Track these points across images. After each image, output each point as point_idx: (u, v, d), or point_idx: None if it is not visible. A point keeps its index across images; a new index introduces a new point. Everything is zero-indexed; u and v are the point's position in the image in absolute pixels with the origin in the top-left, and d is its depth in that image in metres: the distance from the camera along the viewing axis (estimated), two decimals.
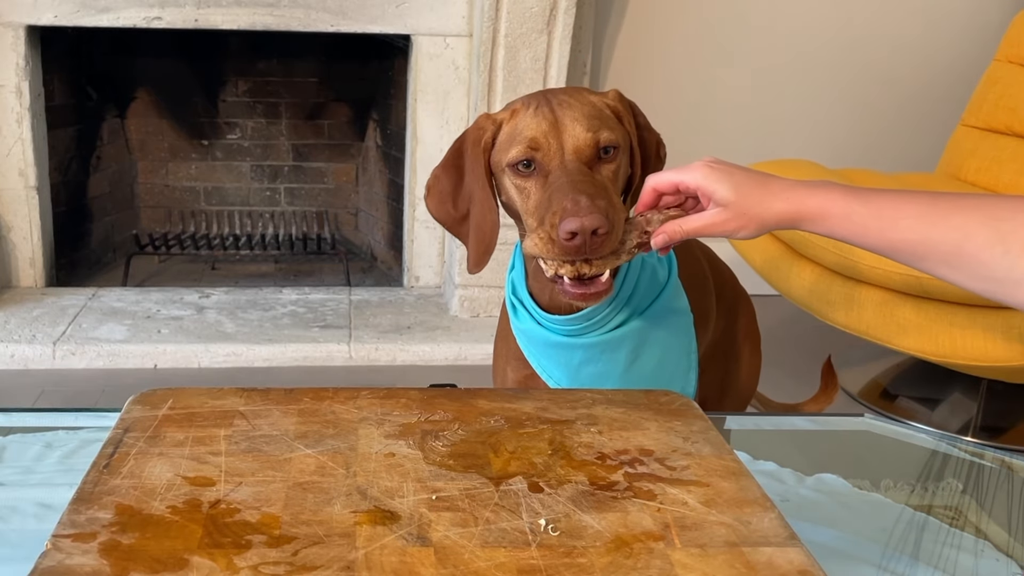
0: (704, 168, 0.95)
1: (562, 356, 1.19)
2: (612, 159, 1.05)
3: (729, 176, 0.94)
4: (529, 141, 1.03)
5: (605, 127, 1.05)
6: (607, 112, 1.08)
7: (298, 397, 1.00)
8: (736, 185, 0.93)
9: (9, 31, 2.72)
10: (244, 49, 3.30)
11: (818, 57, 3.21)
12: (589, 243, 0.96)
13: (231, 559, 0.72)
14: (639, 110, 1.16)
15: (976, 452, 1.29)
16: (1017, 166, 2.63)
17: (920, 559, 1.00)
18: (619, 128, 1.08)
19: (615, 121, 1.08)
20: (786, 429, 1.38)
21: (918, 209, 0.87)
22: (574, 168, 1.01)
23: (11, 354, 2.53)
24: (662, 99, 3.20)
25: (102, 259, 3.33)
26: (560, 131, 1.03)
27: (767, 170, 2.78)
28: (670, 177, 0.96)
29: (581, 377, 1.19)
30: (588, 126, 1.03)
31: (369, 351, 2.64)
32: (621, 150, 1.06)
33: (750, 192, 0.93)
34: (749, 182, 0.94)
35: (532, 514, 0.80)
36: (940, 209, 0.86)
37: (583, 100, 1.07)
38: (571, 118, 1.03)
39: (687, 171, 0.95)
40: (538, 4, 2.61)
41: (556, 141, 1.03)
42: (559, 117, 1.04)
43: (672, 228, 0.96)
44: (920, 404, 2.53)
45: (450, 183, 1.12)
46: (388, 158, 3.27)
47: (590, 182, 1.00)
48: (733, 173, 0.94)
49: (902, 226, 0.87)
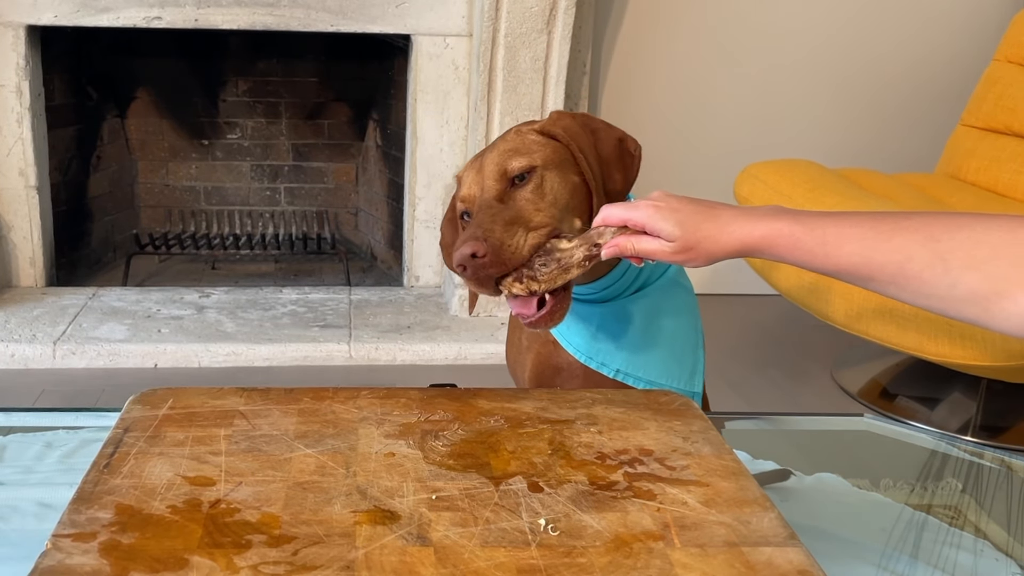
0: (650, 208, 0.98)
1: (579, 322, 1.24)
2: (528, 181, 1.13)
3: (674, 213, 0.97)
4: (462, 196, 1.16)
5: (516, 156, 1.13)
6: (531, 138, 1.16)
7: (298, 397, 1.00)
8: (681, 222, 0.97)
9: (9, 31, 2.72)
10: (244, 49, 3.30)
11: (818, 57, 3.21)
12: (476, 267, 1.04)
13: (231, 559, 0.72)
14: (592, 118, 1.23)
15: (976, 452, 1.29)
16: (1016, 166, 2.63)
17: (920, 558, 1.00)
18: (545, 148, 1.16)
19: (540, 143, 1.16)
20: (786, 429, 1.39)
21: (861, 232, 0.91)
22: (484, 204, 1.11)
23: (11, 354, 2.53)
24: (662, 99, 3.21)
25: (102, 259, 3.33)
26: (482, 175, 1.14)
27: (768, 169, 2.77)
28: (619, 214, 1.01)
29: (599, 343, 1.23)
30: (498, 161, 1.13)
31: (369, 351, 2.64)
32: (544, 167, 1.14)
33: (697, 227, 0.96)
34: (696, 217, 0.97)
35: (532, 514, 0.80)
36: (882, 232, 0.90)
37: (506, 139, 1.17)
38: (488, 160, 1.14)
39: (634, 209, 0.99)
40: (538, 4, 2.61)
41: (478, 186, 1.14)
42: (483, 163, 1.15)
43: (624, 243, 1.00)
44: (920, 404, 2.53)
45: (450, 236, 1.24)
46: (388, 158, 3.27)
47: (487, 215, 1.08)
48: (679, 210, 0.98)
49: (847, 250, 0.91)
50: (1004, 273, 0.82)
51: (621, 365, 1.23)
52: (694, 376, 1.25)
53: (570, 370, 1.27)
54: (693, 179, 3.26)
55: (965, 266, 0.84)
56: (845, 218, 0.93)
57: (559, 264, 1.03)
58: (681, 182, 3.25)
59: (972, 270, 0.84)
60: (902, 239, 0.88)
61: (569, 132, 1.18)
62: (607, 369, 1.23)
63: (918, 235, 0.87)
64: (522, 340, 1.35)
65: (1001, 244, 0.83)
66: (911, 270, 0.87)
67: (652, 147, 3.22)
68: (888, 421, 1.38)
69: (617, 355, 1.23)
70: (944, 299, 0.86)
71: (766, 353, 2.89)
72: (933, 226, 0.87)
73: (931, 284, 0.86)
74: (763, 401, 2.50)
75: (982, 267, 0.83)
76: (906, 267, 0.87)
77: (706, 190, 3.42)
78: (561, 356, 1.27)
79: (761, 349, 2.92)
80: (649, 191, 1.06)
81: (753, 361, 2.78)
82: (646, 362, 1.23)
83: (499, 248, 1.04)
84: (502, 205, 1.10)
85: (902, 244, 0.88)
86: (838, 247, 0.91)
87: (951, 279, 0.85)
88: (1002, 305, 0.82)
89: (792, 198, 2.36)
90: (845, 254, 0.90)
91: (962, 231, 0.85)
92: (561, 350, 1.27)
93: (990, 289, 0.83)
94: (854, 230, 0.91)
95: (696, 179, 3.25)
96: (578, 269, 1.03)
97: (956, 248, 0.85)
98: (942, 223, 0.87)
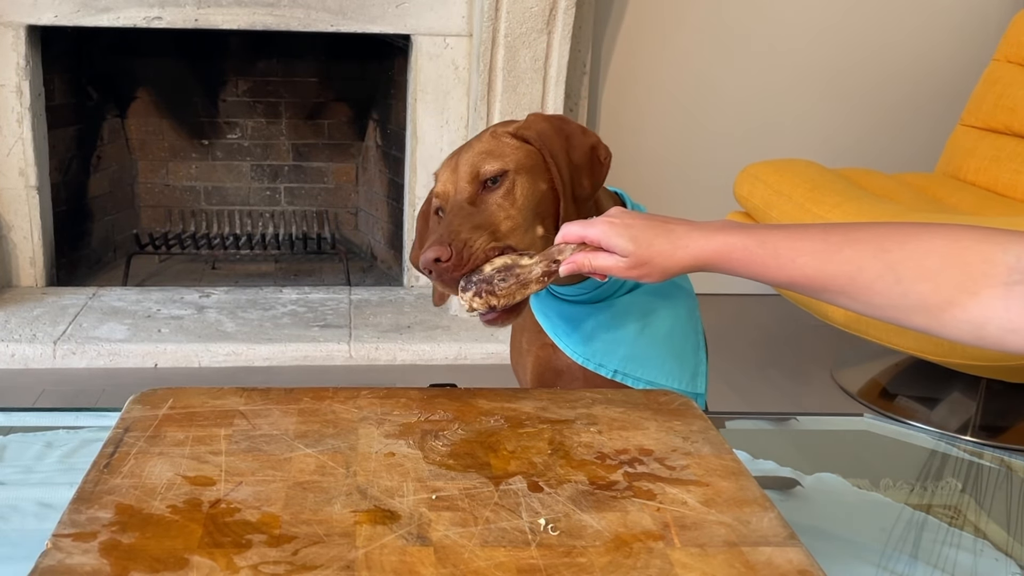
0: (605, 224, 1.00)
1: (575, 324, 1.25)
2: (500, 185, 1.15)
3: (628, 229, 0.99)
4: (436, 192, 1.19)
5: (489, 159, 1.15)
6: (505, 140, 1.18)
7: (298, 397, 1.00)
8: (634, 237, 0.98)
9: (9, 31, 2.72)
10: (244, 49, 3.30)
11: (818, 56, 3.21)
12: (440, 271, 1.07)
13: (231, 558, 0.72)
14: (567, 121, 1.24)
15: (975, 451, 1.29)
16: (1016, 165, 2.63)
17: (919, 558, 1.00)
18: (518, 152, 1.17)
19: (513, 147, 1.18)
20: (786, 429, 1.39)
21: (812, 245, 0.92)
22: (455, 206, 1.14)
23: (11, 353, 2.53)
24: (662, 99, 3.21)
25: (102, 259, 3.33)
26: (456, 175, 1.16)
27: (768, 169, 2.77)
28: (576, 231, 1.02)
29: (595, 344, 1.24)
30: (472, 164, 1.16)
31: (369, 351, 2.64)
32: (516, 172, 1.16)
33: (650, 243, 0.97)
34: (649, 232, 0.98)
35: (532, 514, 0.80)
36: (833, 244, 0.91)
37: (482, 139, 1.19)
38: (463, 161, 1.16)
39: (591, 226, 1.01)
40: (538, 4, 2.61)
41: (452, 185, 1.16)
42: (458, 163, 1.17)
43: (581, 260, 1.01)
44: (919, 403, 2.53)
45: (422, 227, 1.27)
46: (388, 158, 3.27)
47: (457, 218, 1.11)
48: (632, 226, 0.99)
49: (799, 263, 0.92)
50: (954, 282, 0.83)
51: (619, 365, 1.23)
52: (696, 377, 1.25)
53: (570, 372, 1.27)
54: (693, 179, 3.26)
55: (916, 277, 0.85)
56: (796, 231, 0.94)
57: (518, 279, 1.05)
58: (681, 182, 3.26)
59: (923, 280, 0.85)
60: (853, 251, 0.89)
61: (543, 137, 1.18)
62: (605, 370, 1.23)
63: (869, 246, 0.88)
64: (522, 343, 1.35)
65: (950, 253, 0.84)
66: (862, 281, 0.88)
67: (652, 147, 3.23)
68: (888, 421, 1.38)
69: (614, 355, 1.23)
70: (896, 308, 0.87)
71: (766, 353, 2.89)
72: (884, 237, 0.88)
73: (882, 294, 0.87)
74: (763, 401, 2.50)
75: (933, 277, 0.84)
76: (857, 278, 0.88)
77: (706, 190, 3.44)
78: (560, 359, 1.28)
79: (761, 349, 2.92)
80: (649, 192, 1.06)
81: (753, 361, 2.78)
82: (644, 362, 1.23)
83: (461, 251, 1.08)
84: (473, 208, 1.13)
85: (853, 255, 0.89)
86: (791, 259, 0.92)
87: (902, 289, 0.86)
88: (952, 314, 0.83)
89: (792, 198, 2.36)
90: (798, 266, 0.92)
91: (911, 241, 0.86)
92: (560, 353, 1.27)
93: (941, 299, 0.84)
94: (806, 243, 0.92)
95: (696, 179, 3.26)
96: (537, 285, 1.05)
97: (906, 259, 0.86)
98: (892, 234, 0.88)
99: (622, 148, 2.90)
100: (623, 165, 1.29)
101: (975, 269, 0.82)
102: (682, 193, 3.23)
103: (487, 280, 1.05)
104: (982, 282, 0.82)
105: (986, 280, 0.82)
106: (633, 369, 1.23)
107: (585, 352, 1.24)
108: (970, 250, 0.83)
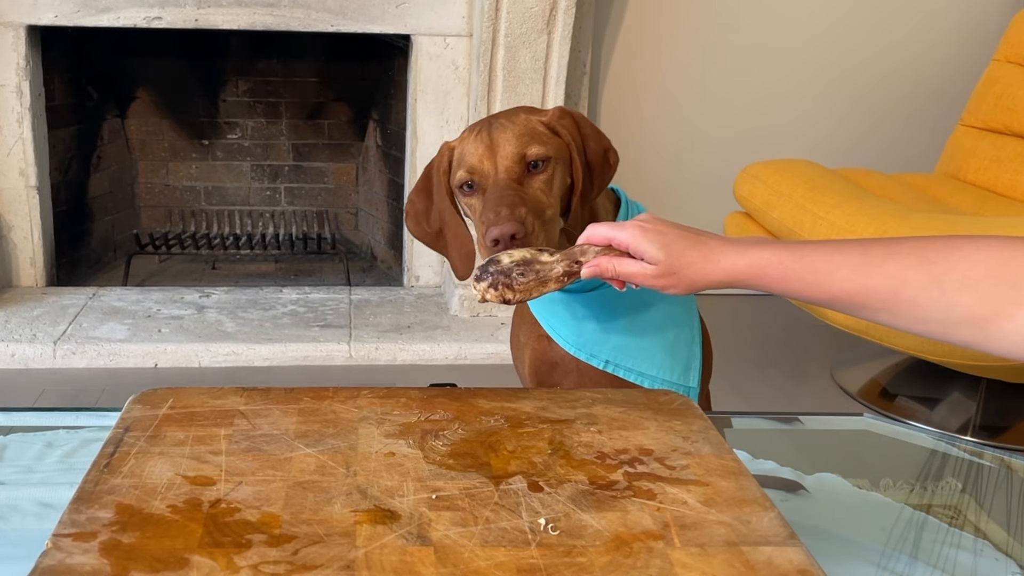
0: (636, 228, 0.97)
1: (566, 312, 1.25)
2: (543, 170, 1.16)
3: (660, 236, 0.96)
4: (468, 166, 1.18)
5: (534, 143, 1.16)
6: (540, 129, 1.19)
7: (298, 396, 1.00)
8: (666, 246, 0.95)
9: (9, 31, 2.72)
10: (244, 49, 3.30)
11: (818, 56, 3.21)
12: (510, 246, 1.08)
13: (231, 558, 0.72)
14: (586, 121, 1.25)
15: (975, 451, 1.29)
16: (1016, 165, 2.63)
17: (919, 558, 1.00)
18: (553, 142, 1.19)
19: (549, 136, 1.19)
20: (786, 429, 1.39)
21: (851, 259, 0.89)
22: (503, 183, 1.14)
23: (12, 353, 2.53)
24: (662, 99, 3.21)
25: (102, 259, 3.33)
26: (494, 152, 1.16)
27: (768, 169, 2.77)
28: (604, 232, 0.99)
29: (585, 332, 1.24)
30: (517, 144, 1.16)
31: (369, 351, 2.64)
32: (554, 161, 1.17)
33: (681, 253, 0.94)
34: (681, 243, 0.95)
35: (532, 513, 0.80)
36: (873, 257, 0.88)
37: (517, 121, 1.19)
38: (504, 139, 1.16)
39: (620, 229, 0.98)
40: (538, 4, 2.61)
41: (491, 162, 1.16)
42: (494, 139, 1.17)
43: (605, 264, 0.99)
44: (919, 403, 2.53)
45: (423, 205, 1.27)
46: (388, 158, 3.27)
47: (513, 194, 1.12)
48: (665, 233, 0.96)
49: (838, 277, 0.89)
50: (1001, 292, 0.81)
51: (610, 355, 1.23)
52: (688, 371, 1.26)
53: (564, 365, 1.28)
54: (693, 179, 3.26)
55: (961, 287, 0.83)
56: (833, 245, 0.91)
57: (537, 276, 1.01)
58: (681, 182, 3.26)
59: (968, 291, 0.82)
60: (895, 264, 0.86)
61: (570, 133, 1.20)
62: (596, 360, 1.23)
63: (911, 258, 0.86)
64: (520, 337, 1.36)
65: (996, 264, 0.82)
66: (906, 294, 0.85)
67: (652, 147, 3.23)
68: (888, 421, 1.38)
69: (605, 345, 1.23)
70: (941, 322, 0.85)
71: (766, 353, 2.89)
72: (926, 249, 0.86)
73: (926, 308, 0.85)
74: (763, 401, 2.50)
75: (978, 287, 0.82)
76: (901, 292, 0.86)
77: (706, 190, 3.44)
78: (555, 351, 1.29)
79: (761, 349, 2.92)
80: (649, 192, 1.06)
81: (753, 361, 2.78)
82: (635, 353, 1.23)
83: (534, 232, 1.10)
84: (521, 188, 1.14)
85: (895, 269, 0.86)
86: (829, 274, 0.89)
87: (947, 301, 0.83)
88: (1000, 325, 0.81)
89: (792, 198, 2.36)
90: (837, 281, 0.89)
91: (955, 252, 0.84)
92: (555, 345, 1.28)
93: (988, 310, 0.81)
94: (844, 257, 0.89)
95: (696, 179, 3.26)
96: (555, 284, 1.01)
97: (951, 269, 0.83)
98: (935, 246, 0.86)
99: (622, 148, 2.89)
100: (623, 164, 1.30)
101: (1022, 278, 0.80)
102: (682, 193, 3.23)
103: (505, 272, 1.01)
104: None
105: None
106: (624, 360, 1.23)
107: (577, 342, 1.25)
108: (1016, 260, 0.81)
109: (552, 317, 1.27)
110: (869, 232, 2.13)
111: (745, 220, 2.60)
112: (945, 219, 2.16)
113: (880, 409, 2.48)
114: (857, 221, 2.17)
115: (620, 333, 1.23)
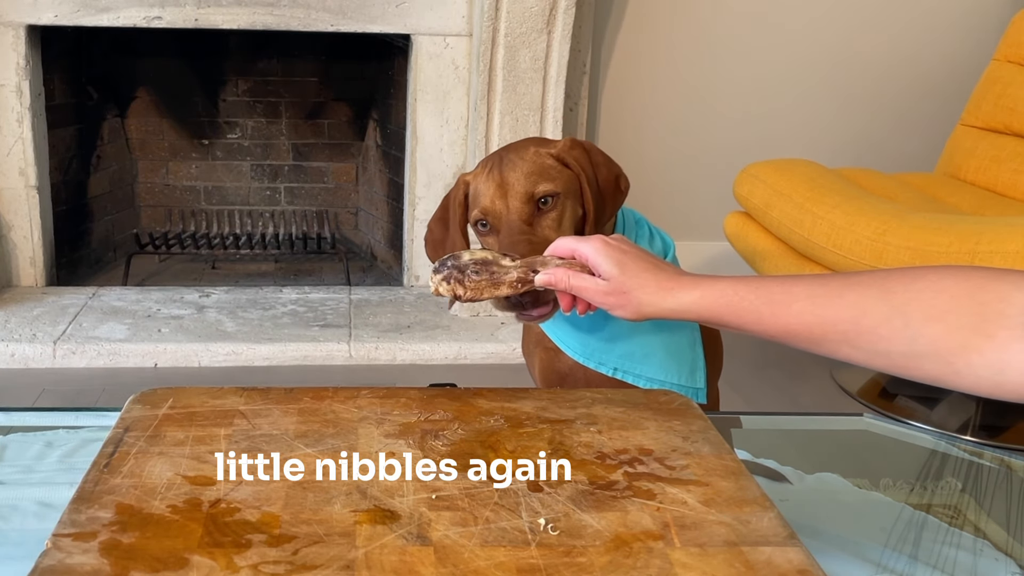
0: (599, 242, 0.97)
1: (572, 322, 1.25)
2: (553, 207, 1.17)
3: (620, 254, 0.95)
4: (481, 207, 1.19)
5: (543, 180, 1.17)
6: (549, 162, 1.19)
7: (298, 396, 1.00)
8: (622, 264, 0.94)
9: (9, 31, 2.72)
10: (244, 49, 3.30)
11: (818, 57, 3.21)
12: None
13: (231, 558, 0.72)
14: (596, 150, 1.26)
15: (975, 451, 1.29)
16: (1016, 165, 2.63)
17: (919, 558, 1.00)
18: (563, 175, 1.19)
19: (559, 170, 1.19)
20: (786, 429, 1.39)
21: (810, 290, 0.85)
22: (515, 227, 1.16)
23: (11, 353, 2.53)
24: (662, 99, 3.21)
25: (102, 258, 3.33)
26: (505, 192, 1.17)
27: (767, 169, 2.76)
28: (568, 244, 1.00)
29: (592, 342, 1.25)
30: (526, 184, 1.17)
31: (369, 350, 2.64)
32: (564, 195, 1.18)
33: (635, 274, 0.93)
34: (639, 263, 0.94)
35: (532, 513, 0.80)
36: (832, 288, 0.84)
37: (526, 157, 1.19)
38: (513, 178, 1.17)
39: (584, 242, 0.98)
40: (538, 4, 2.61)
41: (502, 202, 1.17)
42: (505, 179, 1.18)
43: (560, 275, 0.98)
44: (919, 403, 2.53)
45: (440, 233, 1.29)
46: (388, 157, 3.27)
47: (524, 240, 1.13)
48: (626, 252, 0.96)
49: (795, 309, 0.85)
50: (968, 323, 0.76)
51: (617, 363, 1.23)
52: (695, 372, 1.26)
53: (573, 375, 1.28)
54: (693, 179, 3.26)
55: (926, 318, 0.78)
56: (791, 278, 0.88)
57: (491, 277, 1.01)
58: (681, 182, 3.26)
59: (934, 321, 0.78)
60: (855, 294, 0.83)
61: (580, 163, 1.21)
62: (605, 368, 1.23)
63: (872, 289, 0.82)
64: (530, 346, 1.37)
65: (962, 293, 0.77)
66: (866, 324, 0.81)
67: (652, 147, 3.23)
68: (888, 421, 1.38)
69: (611, 352, 1.23)
70: (904, 355, 0.80)
71: (766, 353, 2.89)
72: (887, 279, 0.82)
73: (889, 340, 0.80)
74: (763, 401, 2.50)
75: (944, 318, 0.77)
76: (861, 322, 0.81)
77: (706, 190, 3.44)
78: (563, 361, 1.29)
79: (761, 349, 2.92)
80: (649, 192, 1.07)
81: (753, 361, 2.78)
82: (642, 359, 1.23)
83: None
84: (531, 229, 1.15)
85: (856, 299, 0.82)
86: (786, 305, 0.86)
87: (911, 333, 0.79)
88: (968, 359, 0.76)
89: (792, 198, 2.36)
90: (794, 312, 0.85)
91: (918, 282, 0.80)
92: (563, 355, 1.28)
93: (954, 342, 0.77)
94: (801, 288, 0.86)
95: (696, 179, 3.26)
96: (508, 288, 1.01)
97: (914, 299, 0.79)
98: (896, 276, 0.82)
99: (622, 148, 2.90)
100: (623, 165, 1.30)
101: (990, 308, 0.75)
102: (682, 193, 3.23)
103: (460, 268, 1.02)
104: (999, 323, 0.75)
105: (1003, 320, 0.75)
106: (632, 366, 1.23)
107: (584, 351, 1.25)
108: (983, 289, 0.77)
109: (558, 328, 1.28)
110: (869, 231, 2.13)
111: (745, 220, 2.60)
112: (945, 219, 2.16)
113: (880, 409, 2.48)
114: (857, 221, 2.17)
115: (625, 340, 1.24)
